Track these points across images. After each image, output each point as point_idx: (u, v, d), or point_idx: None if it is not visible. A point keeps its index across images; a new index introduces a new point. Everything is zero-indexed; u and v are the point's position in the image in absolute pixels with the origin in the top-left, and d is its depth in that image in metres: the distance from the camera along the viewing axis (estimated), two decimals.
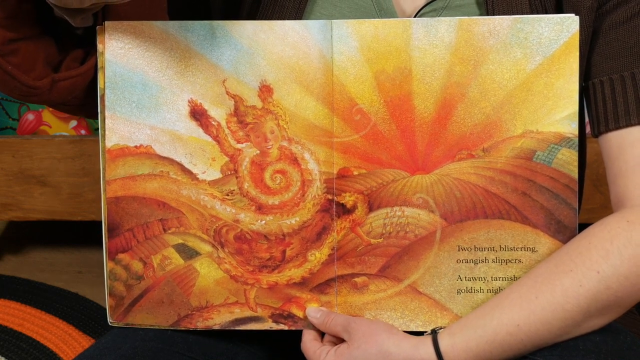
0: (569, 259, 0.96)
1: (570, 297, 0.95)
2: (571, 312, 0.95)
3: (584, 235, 0.98)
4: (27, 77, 0.95)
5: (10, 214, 2.05)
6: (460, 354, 0.96)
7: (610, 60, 1.02)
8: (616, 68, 1.02)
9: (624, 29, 1.02)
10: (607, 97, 1.02)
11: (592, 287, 0.94)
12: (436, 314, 1.02)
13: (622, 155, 1.00)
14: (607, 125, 1.02)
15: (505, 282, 1.01)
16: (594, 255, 0.95)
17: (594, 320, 0.96)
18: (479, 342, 0.96)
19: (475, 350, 0.96)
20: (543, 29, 0.99)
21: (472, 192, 1.01)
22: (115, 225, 1.03)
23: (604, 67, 1.03)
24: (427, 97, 1.00)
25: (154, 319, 1.04)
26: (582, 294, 0.94)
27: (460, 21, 0.99)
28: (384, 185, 1.01)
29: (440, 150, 1.01)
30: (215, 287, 1.03)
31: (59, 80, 0.97)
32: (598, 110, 1.03)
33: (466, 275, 1.01)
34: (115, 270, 1.03)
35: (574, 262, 0.96)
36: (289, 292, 1.03)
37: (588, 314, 0.95)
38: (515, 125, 1.00)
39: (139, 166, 1.03)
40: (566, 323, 0.95)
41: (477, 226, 1.01)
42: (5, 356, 1.85)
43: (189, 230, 1.03)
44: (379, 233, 1.02)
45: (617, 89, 1.01)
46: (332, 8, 1.08)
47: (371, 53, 1.00)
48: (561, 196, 1.00)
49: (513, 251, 1.01)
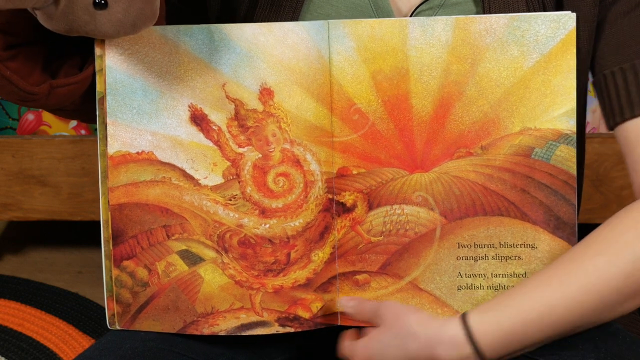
0: (600, 241, 0.96)
1: (603, 278, 0.94)
2: (605, 294, 0.94)
3: (610, 222, 0.97)
4: (25, 83, 0.95)
5: (10, 214, 2.05)
6: (490, 331, 0.93)
7: (619, 50, 1.02)
8: (626, 57, 1.01)
9: (630, 18, 1.01)
10: (620, 87, 1.01)
11: (627, 267, 0.94)
12: (437, 310, 1.02)
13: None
14: (623, 115, 1.01)
15: (505, 278, 1.01)
16: (626, 236, 0.95)
17: (627, 303, 0.95)
18: (513, 321, 0.93)
19: (507, 329, 0.93)
20: (540, 26, 0.99)
21: (471, 189, 1.01)
22: (119, 232, 1.03)
23: (614, 58, 1.02)
24: (425, 96, 1.00)
25: (160, 325, 1.04)
26: (616, 273, 0.94)
27: (456, 20, 0.99)
28: (383, 184, 1.01)
29: (438, 149, 1.01)
30: (220, 293, 1.03)
31: (57, 87, 0.97)
32: (612, 102, 1.02)
33: (466, 272, 1.02)
34: (121, 278, 1.03)
35: (606, 244, 0.95)
36: (294, 295, 1.03)
37: (622, 295, 0.94)
38: (513, 123, 1.00)
39: (141, 173, 1.02)
40: (600, 305, 0.94)
41: (477, 223, 1.01)
42: (5, 356, 1.85)
43: (192, 236, 1.03)
44: (379, 231, 1.02)
45: (629, 78, 1.00)
46: (329, 7, 1.08)
47: (368, 53, 1.00)
48: (560, 192, 1.00)
49: (513, 248, 1.01)
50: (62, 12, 0.88)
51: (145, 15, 0.90)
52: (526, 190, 1.00)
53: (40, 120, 2.08)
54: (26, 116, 2.08)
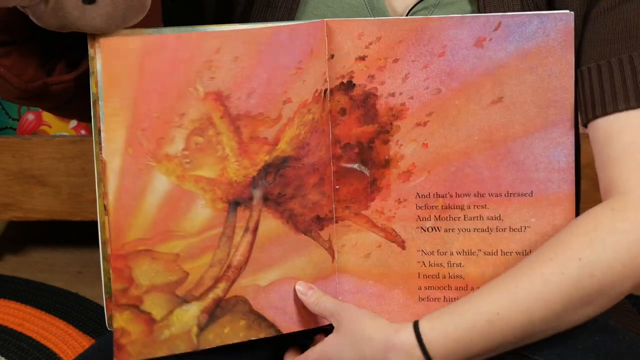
0: (550, 248, 0.95)
1: (551, 285, 0.92)
2: (552, 301, 0.93)
3: (569, 226, 0.96)
4: (19, 80, 0.95)
5: (10, 214, 2.05)
6: (438, 338, 0.94)
7: (598, 47, 1.00)
8: (604, 54, 1.00)
9: (611, 15, 1.00)
10: (595, 83, 0.99)
11: (574, 275, 0.92)
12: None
13: (610, 143, 0.98)
14: (595, 112, 0.99)
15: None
16: (576, 242, 0.94)
17: (578, 312, 0.94)
18: (457, 327, 0.94)
19: (454, 336, 0.94)
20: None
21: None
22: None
23: (592, 54, 1.00)
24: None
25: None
26: (564, 281, 0.92)
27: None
28: None
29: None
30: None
31: (51, 84, 0.97)
32: (586, 97, 1.00)
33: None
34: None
35: (554, 251, 0.94)
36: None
37: (571, 302, 0.93)
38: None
39: None
40: (548, 312, 0.93)
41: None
42: (5, 356, 1.85)
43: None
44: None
45: (604, 76, 0.99)
46: (324, 8, 1.07)
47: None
48: None
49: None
50: (52, 9, 0.88)
51: (134, 7, 0.91)
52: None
53: (40, 120, 2.08)
54: (26, 116, 2.08)
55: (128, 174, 0.95)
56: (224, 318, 0.99)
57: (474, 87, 0.99)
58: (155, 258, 0.97)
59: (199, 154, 0.97)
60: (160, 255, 0.97)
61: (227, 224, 0.98)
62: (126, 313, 0.96)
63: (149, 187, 0.96)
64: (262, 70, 0.96)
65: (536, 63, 0.98)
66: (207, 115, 0.96)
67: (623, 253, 0.92)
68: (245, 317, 1.00)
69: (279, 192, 0.99)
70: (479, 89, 0.99)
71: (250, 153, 0.98)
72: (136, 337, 0.97)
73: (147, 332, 0.97)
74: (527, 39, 0.98)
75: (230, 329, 1.00)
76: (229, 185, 0.98)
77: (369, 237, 1.02)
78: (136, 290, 0.96)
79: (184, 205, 0.97)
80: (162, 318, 0.97)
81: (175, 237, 0.97)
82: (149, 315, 0.97)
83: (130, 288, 0.96)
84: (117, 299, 0.96)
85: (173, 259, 0.97)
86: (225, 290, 0.99)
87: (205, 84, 0.95)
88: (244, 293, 1.00)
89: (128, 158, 0.94)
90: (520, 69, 0.98)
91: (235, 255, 0.99)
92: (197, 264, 0.98)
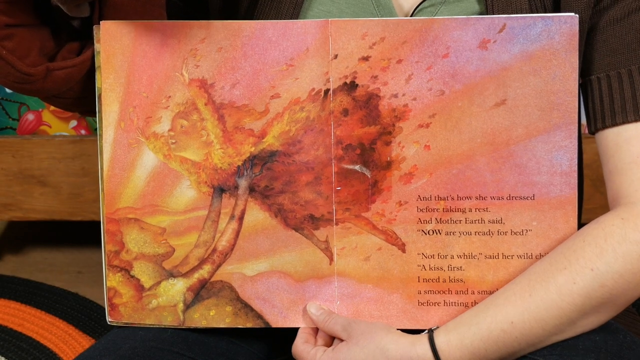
0: (563, 257, 0.96)
1: (564, 295, 0.94)
2: (565, 310, 0.95)
3: (579, 234, 0.98)
4: (21, 63, 0.95)
5: (10, 214, 2.05)
6: (455, 351, 0.96)
7: (607, 57, 1.02)
8: (613, 65, 1.02)
9: (621, 26, 1.02)
10: (604, 93, 1.02)
11: (586, 285, 0.94)
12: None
13: (618, 153, 1.00)
14: (604, 122, 1.01)
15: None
16: (588, 252, 0.95)
17: (588, 319, 0.96)
18: (474, 339, 0.96)
19: (470, 347, 0.96)
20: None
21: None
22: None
23: (602, 64, 1.02)
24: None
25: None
26: (576, 291, 0.94)
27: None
28: None
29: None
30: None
31: (53, 70, 0.97)
32: (595, 107, 1.02)
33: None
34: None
35: (568, 260, 0.96)
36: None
37: (582, 311, 0.95)
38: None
39: None
40: (561, 321, 0.95)
41: None
42: (5, 356, 1.85)
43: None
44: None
45: (614, 86, 1.01)
46: (330, 4, 1.07)
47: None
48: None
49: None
50: None
51: None
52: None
53: (40, 120, 2.08)
54: (26, 116, 2.08)
55: (120, 146, 1.02)
56: (209, 300, 1.04)
57: (477, 89, 0.99)
58: (143, 228, 1.03)
59: (184, 136, 1.02)
60: (149, 226, 1.03)
61: (212, 208, 1.03)
62: (118, 275, 1.04)
63: (138, 161, 1.03)
64: (247, 63, 1.00)
65: (540, 66, 0.98)
66: (191, 100, 1.01)
67: (634, 262, 0.95)
68: (231, 303, 1.04)
69: (266, 184, 1.02)
70: (482, 91, 0.99)
71: (235, 142, 1.01)
72: (127, 300, 1.04)
73: (136, 298, 1.04)
74: (532, 42, 0.98)
75: (216, 312, 1.04)
76: (214, 171, 1.02)
77: (369, 240, 1.02)
78: (127, 255, 1.04)
79: (169, 183, 1.03)
80: (150, 287, 1.04)
81: (162, 212, 1.04)
82: (138, 281, 1.04)
83: (121, 252, 1.04)
84: (109, 259, 1.04)
85: (160, 232, 1.03)
86: (211, 272, 1.03)
87: (190, 70, 1.01)
88: (229, 279, 1.03)
89: (120, 131, 1.02)
90: (524, 72, 0.98)
91: (220, 241, 1.03)
92: (182, 242, 1.04)
